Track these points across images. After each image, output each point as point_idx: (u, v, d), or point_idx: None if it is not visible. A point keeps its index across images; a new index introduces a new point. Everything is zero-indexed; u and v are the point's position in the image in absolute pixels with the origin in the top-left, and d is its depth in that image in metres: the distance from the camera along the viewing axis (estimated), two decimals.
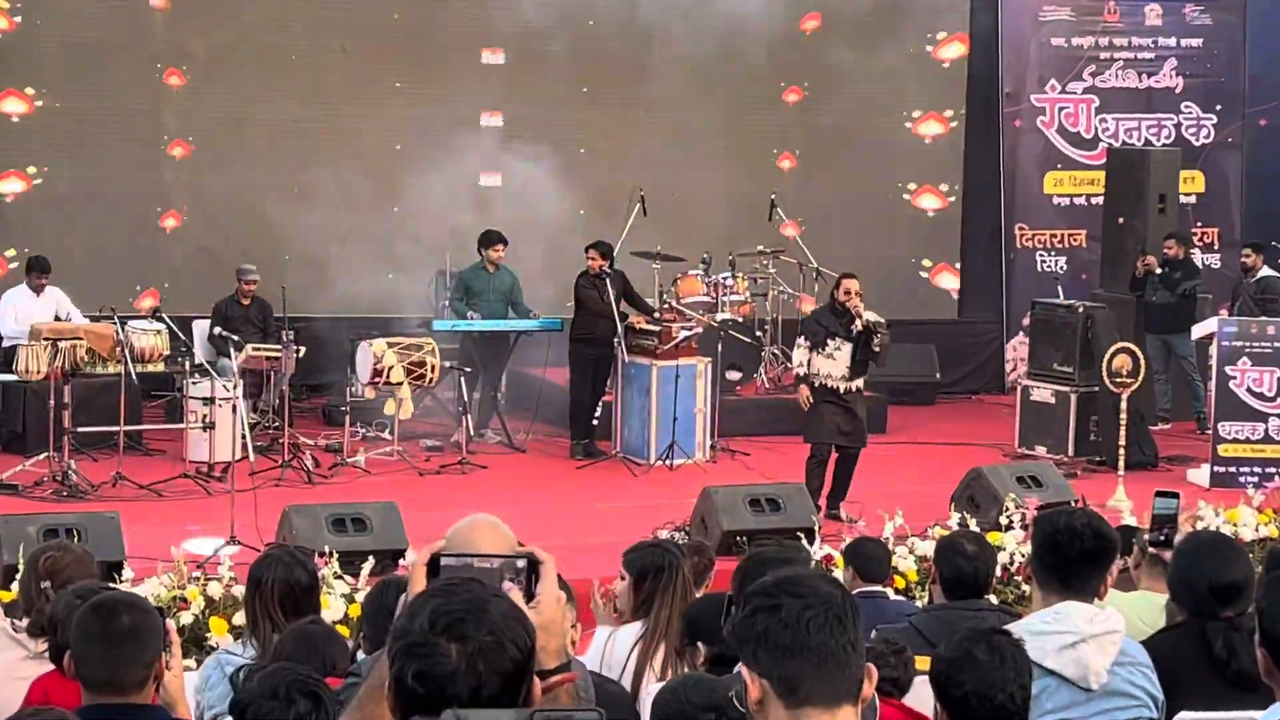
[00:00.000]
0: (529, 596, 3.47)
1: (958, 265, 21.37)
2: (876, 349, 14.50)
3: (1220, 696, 6.04)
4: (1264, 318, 17.47)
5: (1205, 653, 6.17)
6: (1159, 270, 18.17)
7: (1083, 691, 5.87)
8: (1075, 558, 5.99)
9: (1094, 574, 6.03)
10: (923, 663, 6.54)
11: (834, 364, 14.50)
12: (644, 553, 7.47)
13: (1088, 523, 6.04)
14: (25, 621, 7.08)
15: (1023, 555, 12.28)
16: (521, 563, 3.50)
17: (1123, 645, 5.99)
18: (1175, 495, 7.84)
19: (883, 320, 14.77)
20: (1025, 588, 11.57)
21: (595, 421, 17.12)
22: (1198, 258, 19.49)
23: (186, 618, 10.83)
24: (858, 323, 14.43)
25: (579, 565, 11.45)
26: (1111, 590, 7.66)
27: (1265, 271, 18.48)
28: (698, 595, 8.01)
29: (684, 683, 4.94)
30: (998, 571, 10.30)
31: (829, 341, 14.49)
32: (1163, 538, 7.41)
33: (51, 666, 6.29)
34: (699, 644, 6.53)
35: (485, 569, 3.49)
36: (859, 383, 14.71)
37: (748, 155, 20.82)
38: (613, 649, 7.16)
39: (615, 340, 16.69)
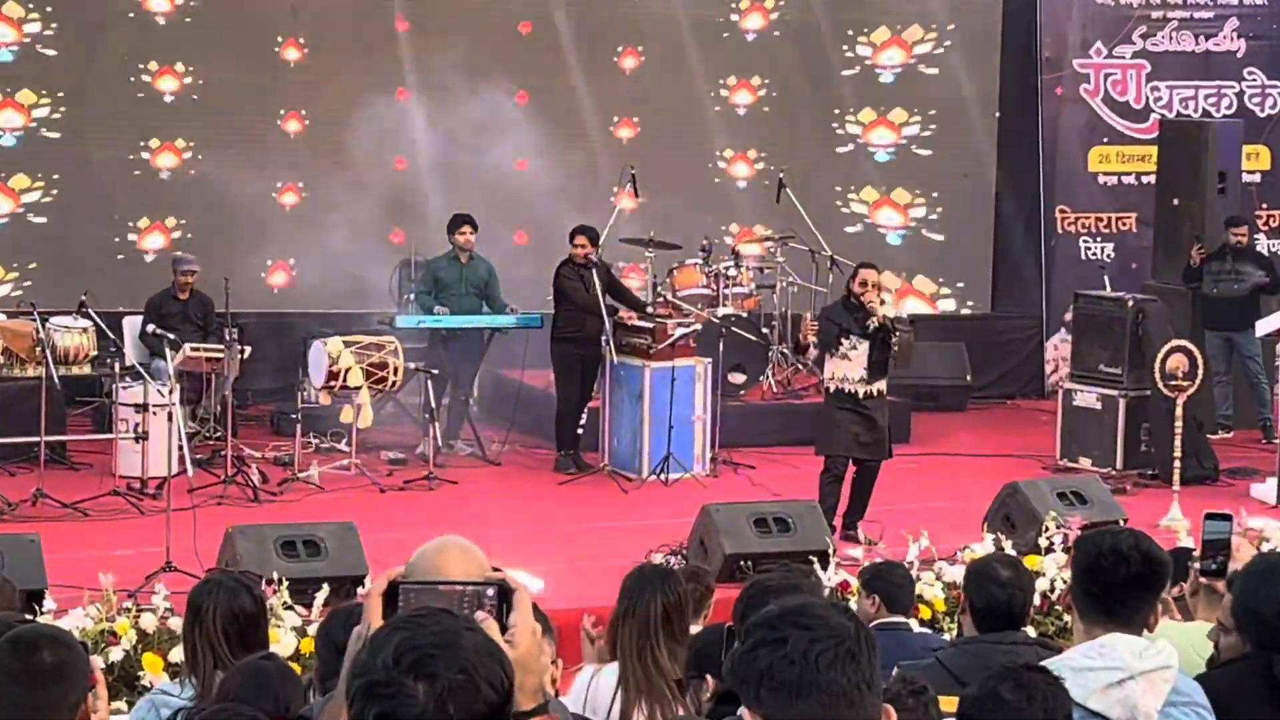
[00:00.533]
0: (501, 629, 3.48)
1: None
2: (895, 348, 14.44)
3: None
4: None
5: (1272, 690, 6.16)
6: (1226, 265, 18.24)
7: None
8: (1121, 584, 6.02)
9: (1142, 603, 6.05)
10: (949, 704, 6.56)
11: (850, 365, 14.44)
12: (628, 579, 7.47)
13: (1135, 544, 6.06)
14: None
15: (1064, 581, 12.31)
16: (491, 591, 3.51)
17: (1176, 683, 6.01)
18: (1228, 517, 7.85)
19: (905, 316, 14.78)
20: (1066, 618, 11.60)
21: (580, 430, 17.11)
22: (1262, 244, 19.48)
23: (116, 654, 10.85)
24: (873, 319, 14.38)
25: (562, 594, 11.50)
26: (1164, 620, 7.70)
27: None
28: (695, 628, 8.02)
29: None
30: (1036, 600, 10.32)
31: (843, 340, 14.43)
32: (1215, 566, 7.42)
33: None
34: (706, 677, 6.52)
35: (451, 595, 3.50)
36: (880, 385, 14.64)
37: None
38: (596, 689, 7.18)
39: (603, 339, 16.67)
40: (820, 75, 21.13)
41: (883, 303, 14.58)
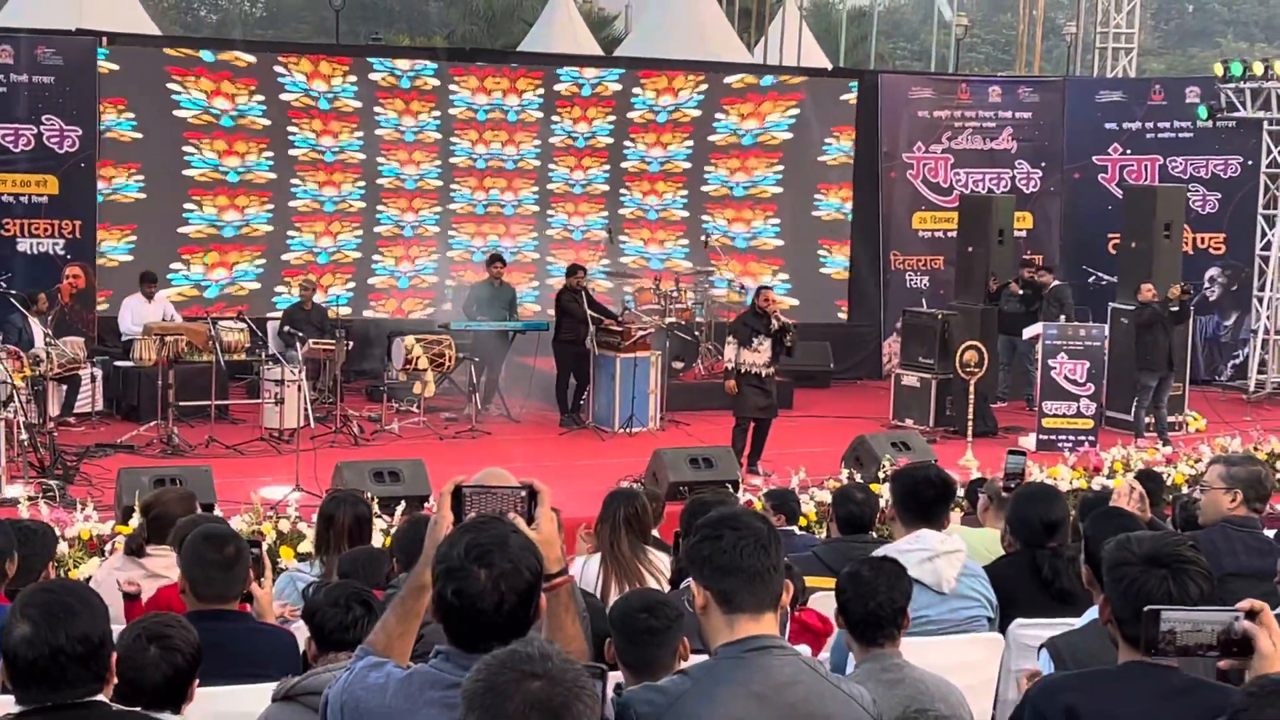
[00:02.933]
0: (530, 519, 3.48)
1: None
2: (789, 344, 14.56)
3: (1045, 609, 6.08)
4: (1075, 322, 17.60)
5: (1035, 575, 6.20)
6: (1020, 291, 18.29)
7: (937, 594, 5.94)
8: (930, 501, 6.09)
9: (943, 511, 6.18)
10: (821, 582, 6.58)
11: (758, 356, 14.56)
12: (606, 498, 7.44)
13: (936, 474, 6.17)
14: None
15: (888, 501, 12.32)
16: (524, 491, 3.51)
17: (965, 563, 6.06)
18: (1023, 454, 7.92)
19: (791, 321, 14.84)
20: (891, 526, 11.61)
21: (582, 401, 17.10)
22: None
23: (264, 546, 10.81)
24: (774, 323, 14.49)
25: (565, 506, 11.43)
26: (963, 528, 7.74)
27: (1057, 283, 18.68)
28: (654, 531, 8.02)
29: (633, 591, 4.98)
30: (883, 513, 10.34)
31: (754, 339, 14.53)
32: (1012, 485, 7.46)
33: (161, 582, 6.28)
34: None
35: (498, 493, 3.50)
36: (773, 370, 14.76)
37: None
38: (584, 572, 7.17)
39: (589, 339, 16.69)
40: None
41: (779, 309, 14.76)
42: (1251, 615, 3.24)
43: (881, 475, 13.30)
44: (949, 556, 5.98)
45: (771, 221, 21.11)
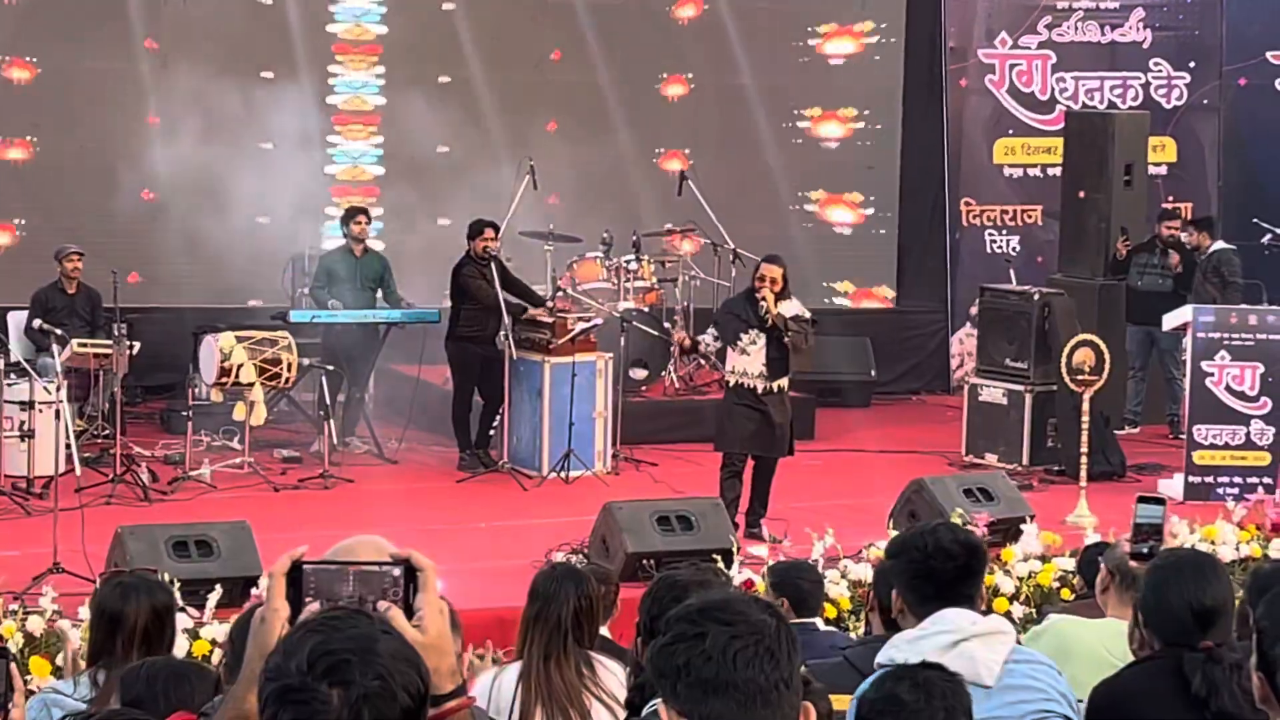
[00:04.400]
0: (409, 610, 3.47)
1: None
2: (788, 343, 14.47)
3: None
4: (1243, 305, 17.67)
5: (1182, 689, 6.19)
6: (1178, 265, 18.36)
7: (979, 689, 5.96)
8: (953, 579, 6.10)
9: (975, 588, 6.20)
10: (844, 703, 6.60)
11: (749, 360, 14.47)
12: (538, 580, 7.45)
13: (954, 538, 6.18)
14: None
15: None
16: (398, 571, 3.49)
17: (1018, 648, 6.10)
18: (1162, 501, 7.93)
19: (807, 315, 14.73)
20: None
21: (493, 431, 17.13)
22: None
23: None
24: (765, 314, 14.42)
25: (462, 595, 11.44)
26: (1072, 617, 7.77)
27: (1217, 245, 18.72)
28: (603, 630, 8.03)
29: None
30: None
31: (743, 335, 14.47)
32: (1146, 550, 7.48)
33: None
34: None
35: (355, 575, 3.48)
36: (781, 382, 14.65)
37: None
38: (499, 690, 7.17)
39: (502, 333, 16.62)
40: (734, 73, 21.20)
41: (788, 298, 14.61)
42: None
43: (888, 548, 13.28)
44: (987, 640, 6.02)
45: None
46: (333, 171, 20.21)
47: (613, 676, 7.13)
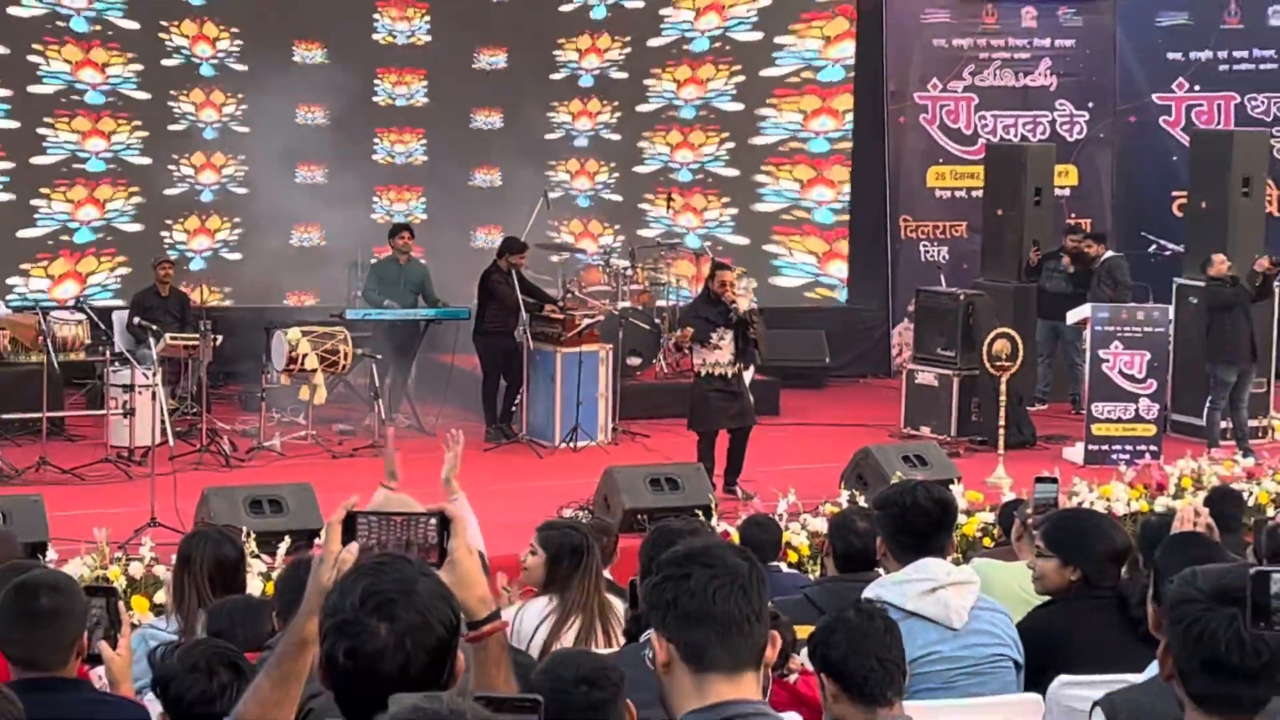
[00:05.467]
0: (442, 553, 3.47)
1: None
2: (754, 336, 14.52)
3: (1113, 657, 6.00)
4: (1132, 303, 17.68)
5: (1106, 619, 6.14)
6: (1070, 266, 18.35)
7: (948, 630, 5.96)
8: (927, 529, 6.09)
9: (945, 539, 6.18)
10: (806, 631, 6.59)
11: (720, 353, 14.52)
12: (561, 533, 7.46)
13: (929, 494, 6.15)
14: None
15: None
16: (434, 520, 3.49)
17: (981, 597, 6.08)
18: (1055, 480, 7.93)
19: (756, 307, 14.79)
20: None
21: (514, 409, 17.11)
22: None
23: None
24: (734, 311, 14.43)
25: (488, 543, 11.42)
26: (993, 561, 7.77)
27: (1109, 254, 18.70)
28: (605, 573, 8.02)
29: (554, 659, 4.94)
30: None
31: (712, 334, 14.49)
32: (1044, 520, 7.48)
33: None
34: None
35: (400, 522, 3.49)
36: (743, 368, 14.73)
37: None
38: (521, 622, 7.16)
39: (520, 329, 16.68)
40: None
41: (742, 295, 14.65)
42: None
43: (875, 501, 13.30)
44: (959, 588, 6.02)
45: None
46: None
47: (613, 607, 7.16)
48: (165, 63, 19.32)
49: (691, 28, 20.95)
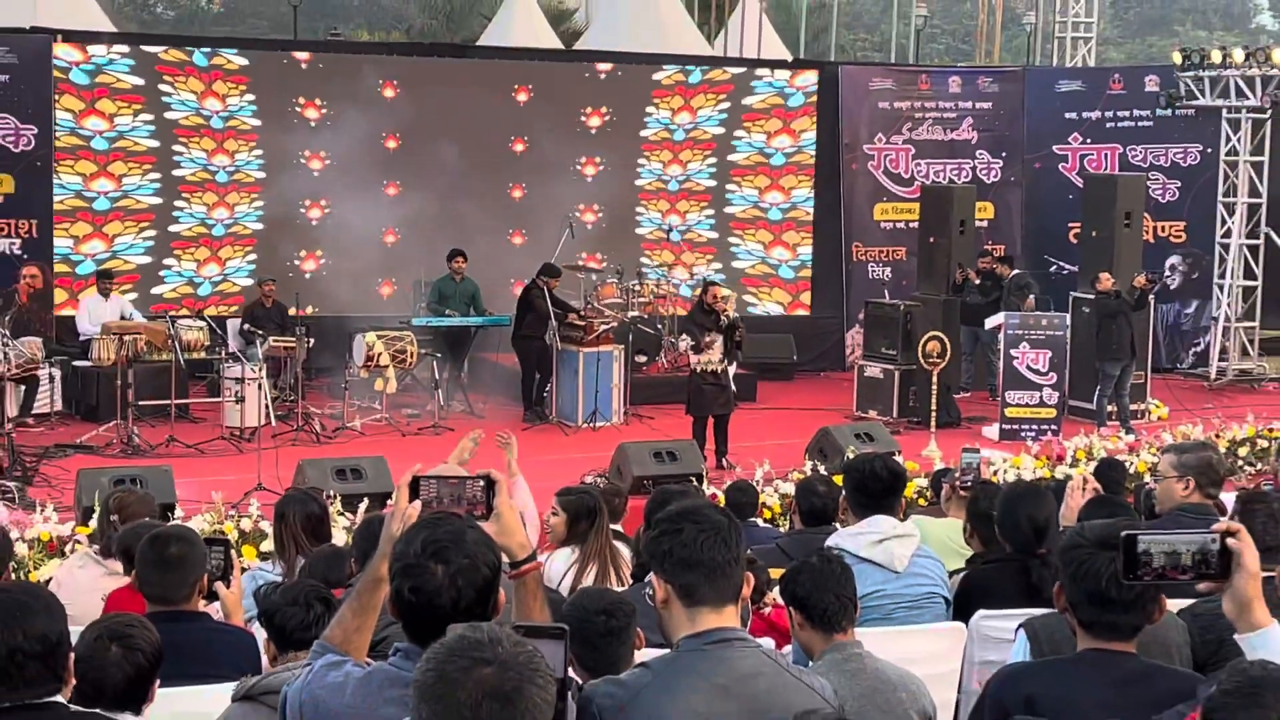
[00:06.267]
0: (489, 509, 3.50)
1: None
2: (738, 339, 14.61)
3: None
4: (1037, 311, 17.70)
5: (1024, 582, 6.09)
6: (977, 280, 18.38)
7: (892, 573, 5.97)
8: (880, 492, 6.08)
9: (894, 501, 6.17)
10: (778, 573, 6.61)
11: (712, 354, 14.58)
12: (577, 497, 7.47)
13: (884, 465, 6.14)
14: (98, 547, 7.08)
15: None
16: (482, 481, 3.53)
17: (920, 547, 6.08)
18: (978, 450, 7.95)
19: (737, 315, 14.86)
20: None
21: (546, 395, 17.12)
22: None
23: None
24: (724, 319, 14.55)
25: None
26: (926, 518, 7.78)
27: (1015, 273, 18.78)
28: (616, 526, 8.04)
29: (579, 595, 4.96)
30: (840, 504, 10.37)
31: (705, 337, 14.56)
32: (969, 482, 7.50)
33: (123, 581, 6.25)
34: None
35: (454, 483, 3.52)
36: (729, 365, 14.80)
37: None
38: (550, 568, 7.18)
39: (549, 334, 16.72)
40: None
41: (727, 303, 14.78)
42: (1227, 537, 3.24)
43: (843, 467, 13.31)
44: (902, 539, 6.03)
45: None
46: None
47: (621, 554, 7.18)
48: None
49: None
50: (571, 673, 4.39)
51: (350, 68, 19.34)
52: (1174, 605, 4.40)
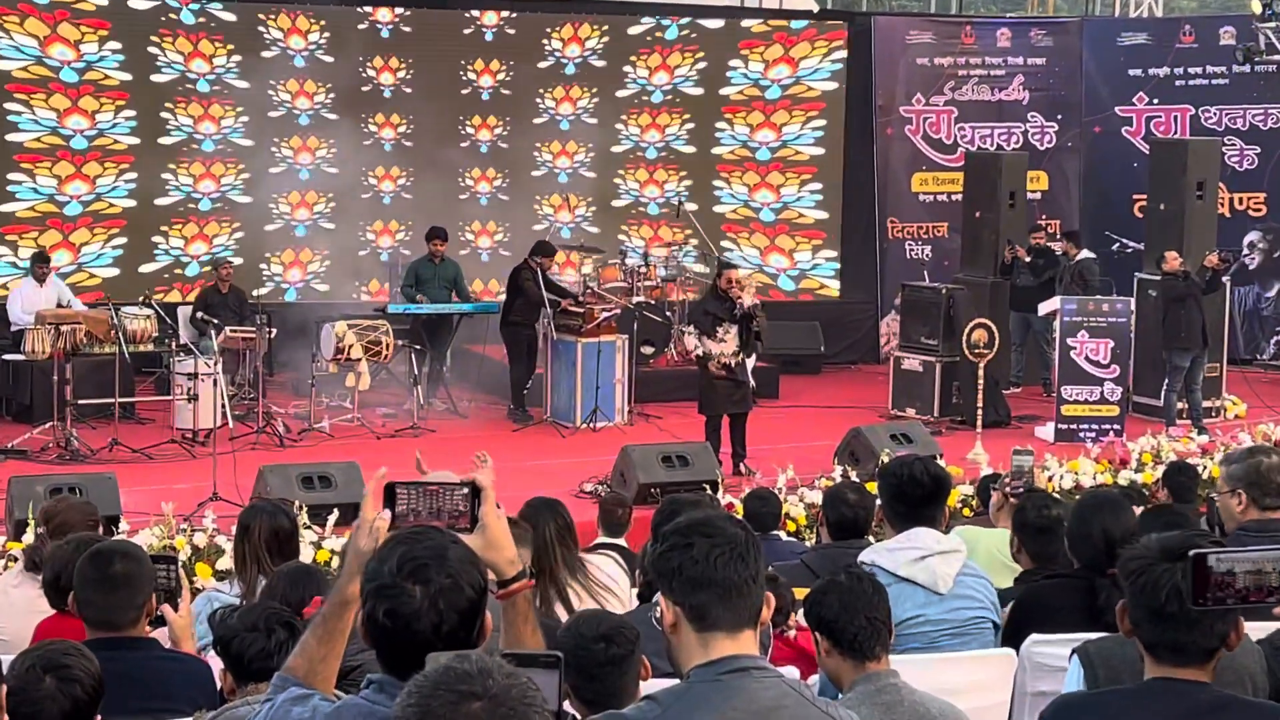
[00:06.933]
0: (474, 520, 3.48)
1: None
2: (758, 329, 14.49)
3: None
4: (1098, 296, 17.69)
5: (1089, 603, 6.01)
6: (1027, 258, 18.36)
7: (935, 594, 5.94)
8: (921, 501, 6.05)
9: (936, 510, 6.11)
10: (803, 593, 6.60)
11: (726, 345, 14.43)
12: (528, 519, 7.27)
13: (925, 469, 6.09)
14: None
15: None
16: (465, 490, 3.50)
17: (966, 564, 6.05)
18: (1030, 452, 7.94)
19: (759, 302, 14.74)
20: None
21: (525, 390, 17.14)
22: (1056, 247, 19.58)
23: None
24: (740, 307, 14.39)
25: (510, 515, 11.42)
26: (973, 528, 7.76)
27: (1083, 254, 18.71)
28: (619, 541, 8.01)
29: (576, 619, 4.96)
30: (875, 515, 10.36)
31: (718, 328, 14.44)
32: (1021, 489, 7.50)
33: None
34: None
35: (434, 491, 3.49)
36: (745, 357, 14.68)
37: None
38: None
39: (544, 320, 16.73)
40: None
41: (744, 291, 14.61)
42: None
43: (878, 472, 13.30)
44: (945, 556, 6.00)
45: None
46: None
47: (603, 568, 7.12)
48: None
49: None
50: (568, 706, 4.40)
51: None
52: (1250, 629, 4.38)
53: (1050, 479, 13.58)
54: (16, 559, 10.03)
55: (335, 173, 19.59)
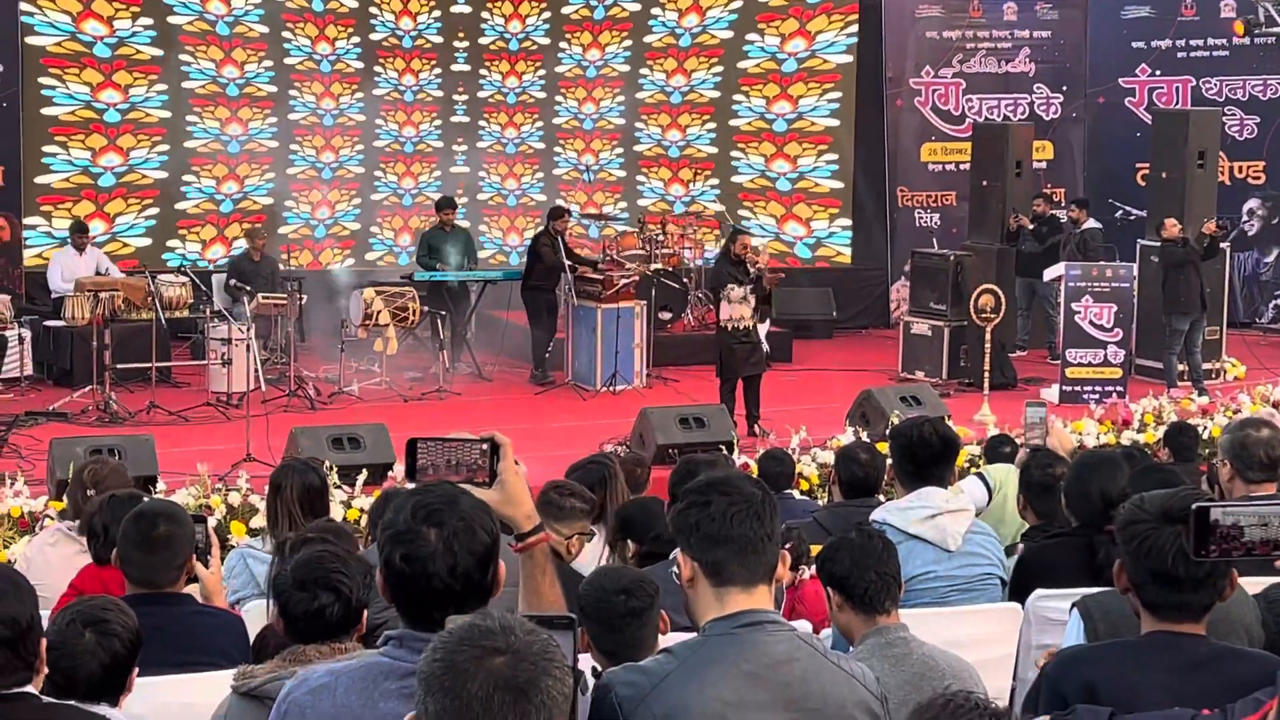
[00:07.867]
0: (492, 475, 3.47)
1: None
2: (768, 289, 14.58)
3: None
4: (1102, 262, 17.65)
5: (1088, 560, 6.00)
6: (1031, 226, 18.31)
7: (944, 552, 5.95)
8: (929, 460, 6.05)
9: (945, 470, 6.12)
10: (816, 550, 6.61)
11: (742, 308, 14.45)
12: (585, 470, 7.40)
13: (934, 430, 6.10)
14: (75, 523, 7.11)
15: None
16: (485, 445, 3.49)
17: (975, 522, 6.06)
18: (1043, 404, 7.95)
19: (773, 265, 14.77)
20: None
21: (547, 354, 17.16)
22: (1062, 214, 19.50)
23: (211, 522, 10.79)
24: (753, 271, 14.43)
25: (539, 476, 11.44)
26: (1005, 465, 7.73)
27: (1089, 224, 18.64)
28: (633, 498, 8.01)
29: (600, 573, 4.97)
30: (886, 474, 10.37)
31: (734, 288, 14.43)
32: (1036, 440, 7.50)
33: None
34: (629, 540, 6.50)
35: (455, 446, 3.48)
36: (760, 321, 14.71)
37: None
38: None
39: (564, 286, 16.72)
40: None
41: (759, 257, 14.66)
42: None
43: (889, 433, 13.30)
44: (954, 515, 6.00)
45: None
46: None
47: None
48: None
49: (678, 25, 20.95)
50: (590, 659, 4.41)
51: None
52: (1246, 583, 4.38)
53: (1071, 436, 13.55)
54: (53, 518, 10.08)
55: (361, 119, 19.67)
